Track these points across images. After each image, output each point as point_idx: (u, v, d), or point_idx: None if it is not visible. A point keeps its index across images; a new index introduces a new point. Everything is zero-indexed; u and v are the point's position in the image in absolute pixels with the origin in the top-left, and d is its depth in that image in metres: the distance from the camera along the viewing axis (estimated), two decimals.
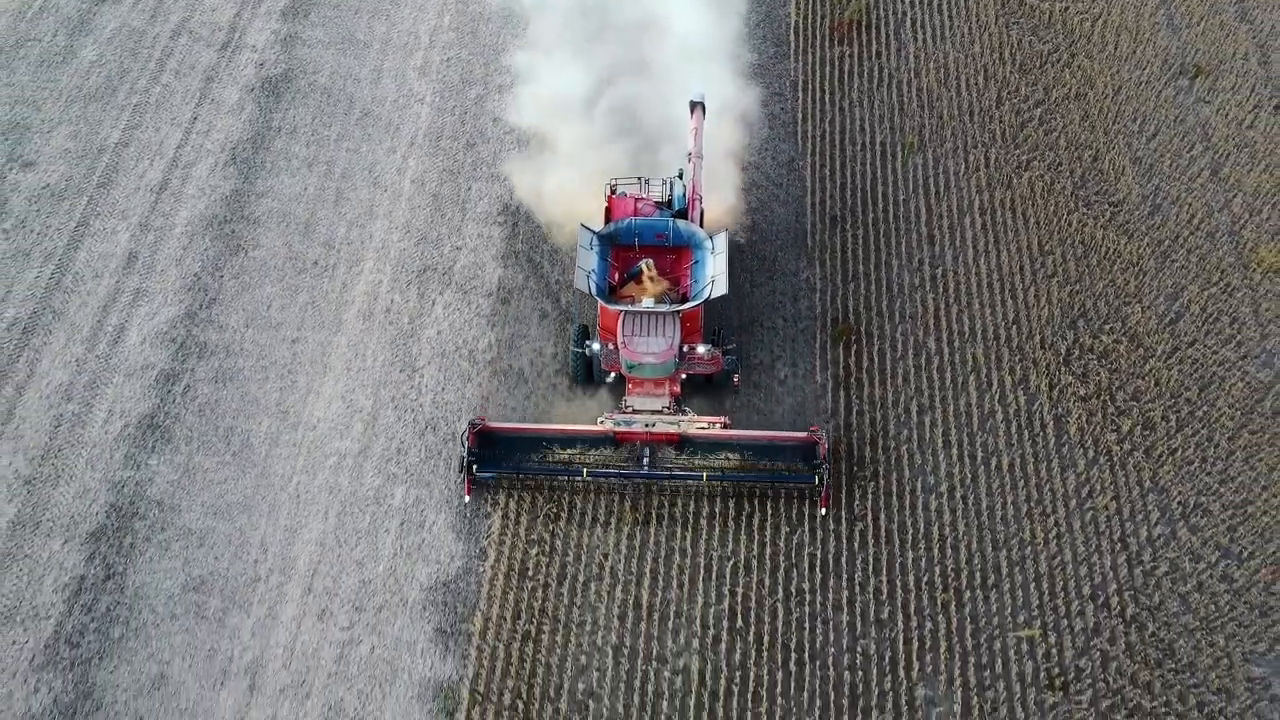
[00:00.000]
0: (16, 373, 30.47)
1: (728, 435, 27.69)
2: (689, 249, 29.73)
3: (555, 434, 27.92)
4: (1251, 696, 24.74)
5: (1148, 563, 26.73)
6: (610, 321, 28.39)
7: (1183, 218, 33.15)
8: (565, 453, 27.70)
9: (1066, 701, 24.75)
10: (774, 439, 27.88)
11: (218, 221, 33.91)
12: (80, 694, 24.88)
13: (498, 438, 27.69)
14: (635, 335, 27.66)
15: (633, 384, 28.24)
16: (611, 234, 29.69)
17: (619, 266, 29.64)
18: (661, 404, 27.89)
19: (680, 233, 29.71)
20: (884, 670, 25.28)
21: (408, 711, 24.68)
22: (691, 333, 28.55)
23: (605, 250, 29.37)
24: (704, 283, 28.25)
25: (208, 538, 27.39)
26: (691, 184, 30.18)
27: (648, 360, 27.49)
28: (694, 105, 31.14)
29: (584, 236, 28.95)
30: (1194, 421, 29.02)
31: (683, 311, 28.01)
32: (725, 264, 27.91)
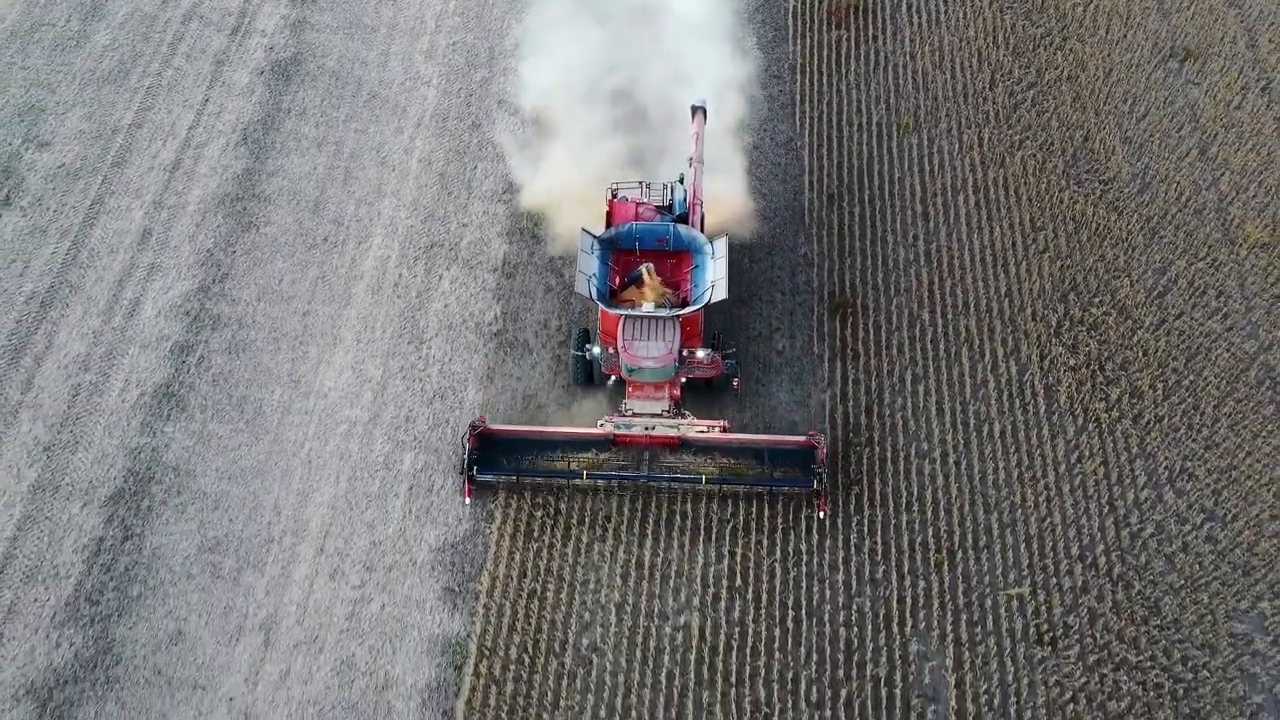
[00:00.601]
0: (35, 344, 31.30)
1: (727, 438, 27.89)
2: (689, 254, 29.82)
3: (555, 437, 28.15)
4: (1234, 651, 25.57)
5: (1134, 525, 27.57)
6: (611, 325, 28.55)
7: (1171, 195, 34.00)
8: (565, 455, 27.95)
9: (1054, 656, 25.59)
10: (773, 443, 28.04)
11: (230, 199, 34.75)
12: (100, 649, 25.71)
13: (498, 439, 27.89)
14: (635, 339, 27.79)
15: (632, 387, 28.34)
16: (612, 238, 29.78)
17: (619, 271, 29.73)
18: (661, 407, 28.05)
19: (681, 237, 29.80)
20: (878, 626, 26.11)
21: (417, 665, 25.50)
22: (691, 337, 28.66)
23: (606, 255, 29.45)
24: (704, 288, 28.38)
25: (222, 501, 28.22)
26: (692, 189, 30.25)
27: (648, 364, 27.64)
28: (695, 110, 31.35)
29: (585, 241, 28.97)
30: (1180, 390, 29.86)
31: (682, 316, 28.18)
32: (725, 269, 28.01)
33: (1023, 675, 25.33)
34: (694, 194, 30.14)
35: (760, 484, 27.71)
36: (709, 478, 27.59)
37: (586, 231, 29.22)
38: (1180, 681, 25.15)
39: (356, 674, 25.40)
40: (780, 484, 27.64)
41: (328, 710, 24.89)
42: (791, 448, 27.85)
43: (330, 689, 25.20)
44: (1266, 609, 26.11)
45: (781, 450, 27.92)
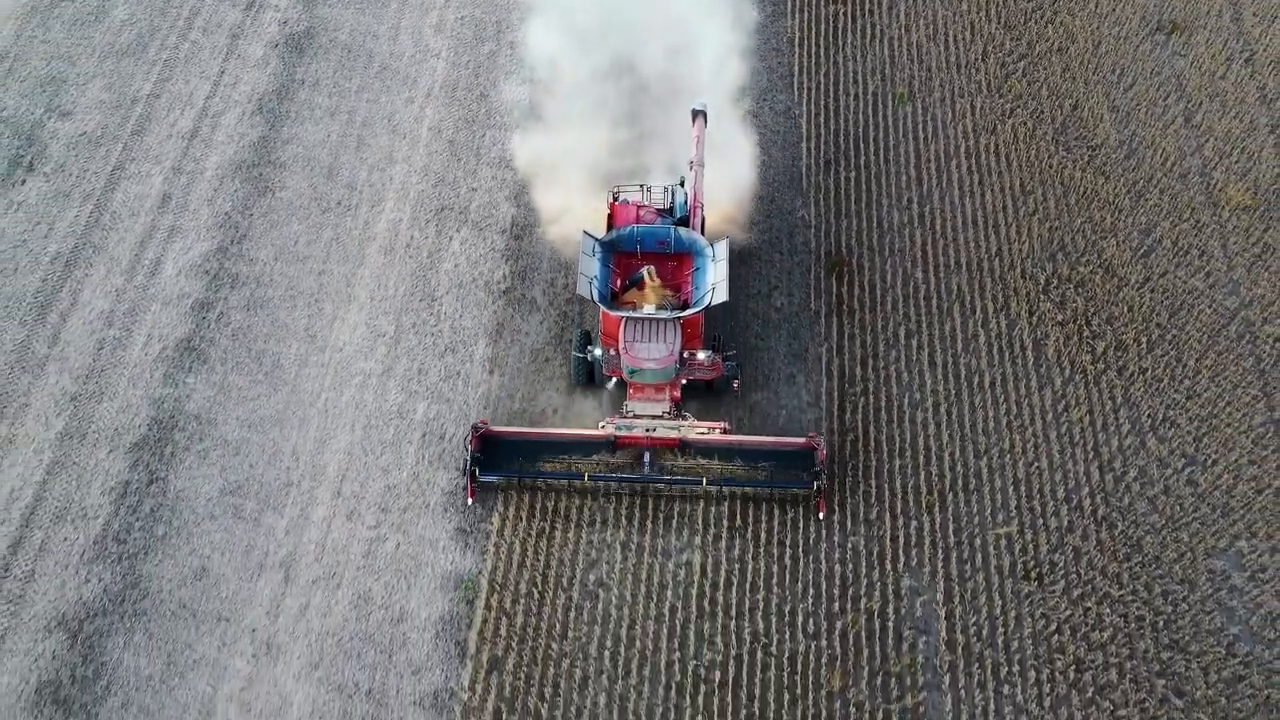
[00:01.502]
0: (60, 301, 32.48)
1: (727, 440, 28.02)
2: (690, 256, 29.98)
3: (557, 438, 28.33)
4: (1212, 586, 26.72)
5: (1118, 469, 28.72)
6: (612, 327, 28.68)
7: (1157, 160, 35.15)
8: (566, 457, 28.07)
9: (1041, 591, 26.75)
10: (773, 444, 28.16)
11: (246, 165, 35.91)
12: (128, 584, 26.89)
13: (500, 441, 28.04)
14: (637, 341, 27.95)
15: (633, 389, 28.48)
16: (614, 241, 29.92)
17: (621, 273, 29.87)
18: (662, 409, 28.13)
19: (681, 240, 29.93)
20: (872, 563, 27.27)
21: (431, 599, 26.67)
22: (692, 339, 28.78)
23: (607, 257, 29.57)
24: (705, 289, 28.55)
25: (243, 448, 29.39)
26: (693, 191, 30.32)
27: (649, 366, 27.83)
28: (696, 113, 31.47)
29: (586, 243, 29.05)
30: (1164, 343, 31.02)
31: (683, 318, 28.37)
32: (726, 271, 28.14)
33: (1010, 609, 26.49)
34: (695, 197, 30.22)
35: (760, 486, 27.87)
36: (710, 479, 27.68)
37: (588, 234, 29.39)
38: (1160, 614, 26.31)
39: (373, 608, 26.58)
40: (780, 485, 27.78)
41: (345, 641, 26.06)
42: (791, 449, 27.99)
43: (348, 621, 26.37)
44: (1244, 547, 27.26)
45: (781, 451, 28.03)
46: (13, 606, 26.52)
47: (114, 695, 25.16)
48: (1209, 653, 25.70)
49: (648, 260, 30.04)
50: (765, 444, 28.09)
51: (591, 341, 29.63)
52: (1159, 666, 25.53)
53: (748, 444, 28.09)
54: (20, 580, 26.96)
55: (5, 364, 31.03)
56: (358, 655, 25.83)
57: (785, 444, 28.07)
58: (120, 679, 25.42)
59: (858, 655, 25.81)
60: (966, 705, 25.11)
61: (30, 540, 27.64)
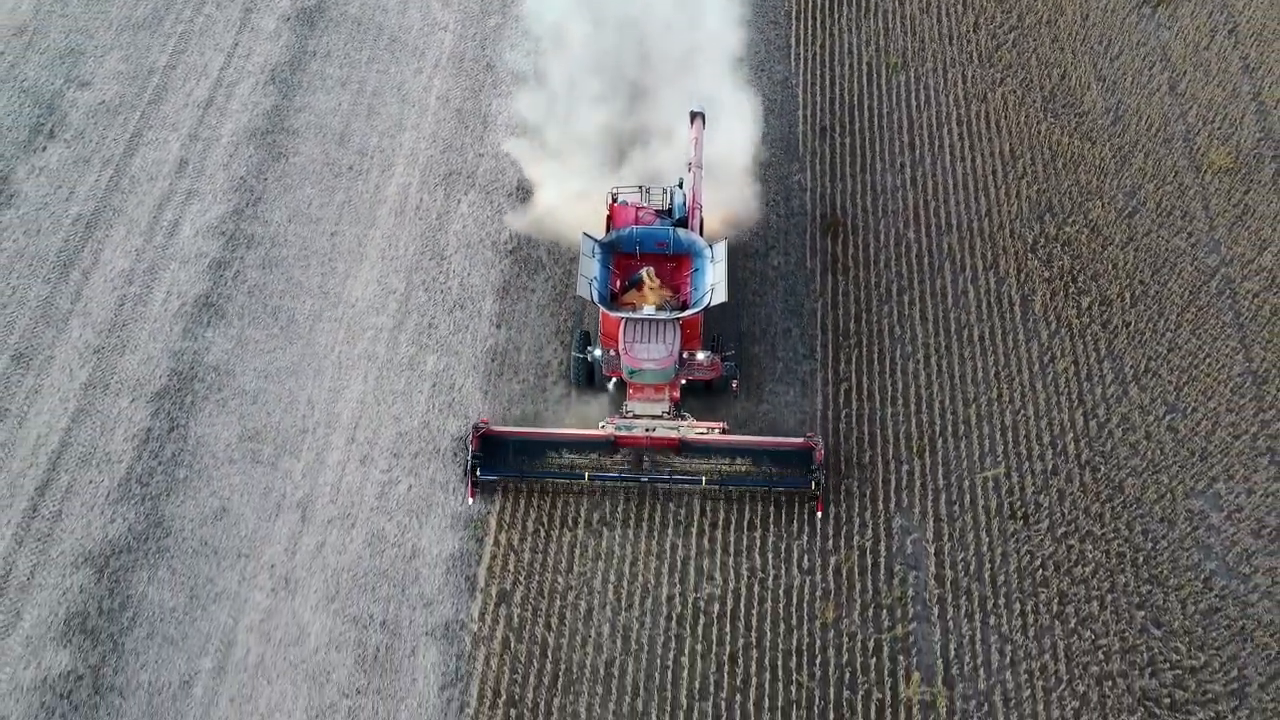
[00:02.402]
0: (83, 260, 33.63)
1: (725, 440, 28.28)
2: (689, 257, 30.27)
3: (557, 438, 28.61)
4: (1191, 525, 27.89)
5: (1101, 416, 29.90)
6: (612, 328, 28.86)
7: (1142, 126, 36.33)
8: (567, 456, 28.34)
9: (1026, 529, 27.92)
10: (772, 444, 28.50)
11: (260, 133, 37.08)
12: (151, 523, 28.05)
13: (501, 440, 28.38)
14: (636, 342, 28.16)
15: (633, 389, 28.71)
16: (613, 242, 30.19)
17: (620, 274, 30.15)
18: (661, 409, 28.36)
19: (681, 241, 30.20)
20: (864, 504, 28.44)
21: (442, 537, 27.83)
22: (691, 339, 29.00)
23: (607, 258, 29.85)
24: (704, 290, 28.79)
25: (260, 397, 30.55)
26: (691, 193, 30.64)
27: (649, 366, 28.03)
28: (694, 115, 31.74)
29: (586, 244, 29.32)
30: (1147, 299, 32.19)
31: (683, 319, 28.65)
32: (725, 272, 28.42)
33: (997, 546, 27.67)
34: (693, 198, 30.54)
35: (759, 485, 28.18)
36: (709, 478, 28.03)
37: (588, 235, 29.67)
38: (1140, 550, 27.49)
39: (386, 545, 27.73)
40: (779, 485, 28.20)
41: (360, 576, 27.22)
42: (790, 449, 28.39)
43: (362, 558, 27.53)
44: (1221, 489, 28.44)
45: (780, 451, 28.42)
46: (41, 544, 27.68)
47: (139, 626, 26.34)
48: (1186, 586, 26.88)
49: (647, 261, 30.24)
50: (764, 444, 28.38)
51: (591, 342, 29.86)
52: (1138, 599, 26.71)
53: (746, 444, 28.32)
54: (48, 520, 28.12)
55: (30, 319, 32.20)
56: (372, 589, 27.00)
57: (784, 444, 28.38)
58: (145, 611, 26.59)
59: (850, 589, 26.99)
60: (954, 635, 26.28)
61: (57, 483, 28.81)
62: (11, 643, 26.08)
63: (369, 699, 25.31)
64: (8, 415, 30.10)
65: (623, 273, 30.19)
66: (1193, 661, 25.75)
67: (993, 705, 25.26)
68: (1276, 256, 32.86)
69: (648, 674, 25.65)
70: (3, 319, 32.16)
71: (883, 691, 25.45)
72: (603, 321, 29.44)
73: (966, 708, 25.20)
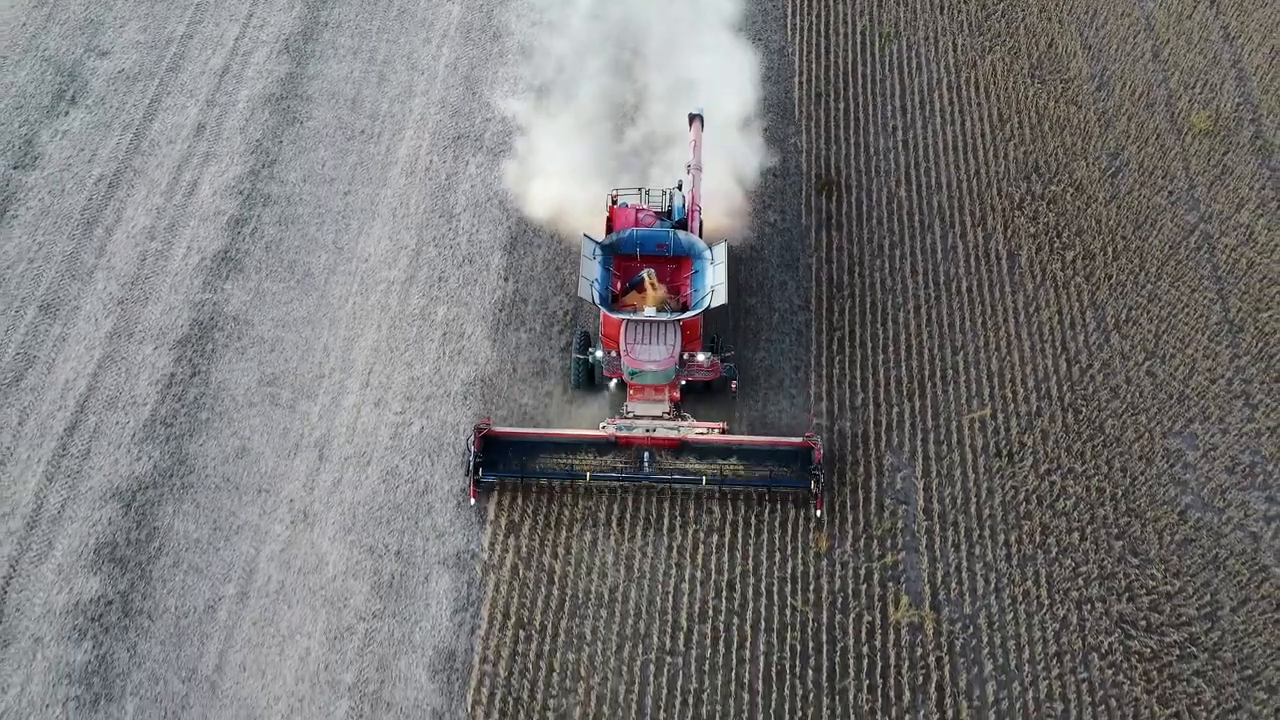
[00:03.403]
0: (106, 218, 34.96)
1: (725, 440, 28.49)
2: (689, 259, 30.43)
3: (558, 438, 28.77)
4: (1168, 463, 29.22)
5: (1084, 362, 31.22)
6: (613, 329, 29.04)
7: (1125, 92, 37.68)
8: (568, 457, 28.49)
9: (1011, 467, 29.25)
10: (771, 444, 28.63)
11: (275, 98, 38.42)
12: (176, 461, 29.39)
13: (502, 441, 28.50)
14: (637, 343, 28.32)
15: (633, 390, 28.88)
16: (614, 244, 30.30)
17: (621, 276, 30.31)
18: (661, 409, 28.55)
19: (680, 243, 30.37)
20: (857, 443, 29.77)
21: (452, 474, 29.13)
22: (691, 340, 29.14)
23: (608, 260, 29.94)
24: (704, 292, 29.01)
25: (278, 345, 31.87)
26: (691, 195, 30.78)
27: (649, 367, 28.20)
28: (693, 118, 31.93)
29: (587, 246, 29.51)
30: (1128, 253, 33.53)
31: (683, 320, 28.81)
32: (725, 274, 28.56)
33: (983, 482, 29.00)
34: (693, 200, 30.70)
35: (759, 485, 28.35)
36: (709, 478, 28.18)
37: (589, 237, 29.90)
38: (1119, 486, 28.82)
39: (400, 481, 29.06)
40: (778, 484, 28.32)
41: (375, 510, 28.54)
42: (789, 449, 28.53)
43: (377, 493, 28.85)
44: (1198, 429, 29.77)
45: (780, 451, 28.55)
46: (71, 480, 29.01)
47: (165, 555, 27.67)
48: (1163, 518, 28.21)
49: (647, 263, 30.43)
50: (763, 443, 28.64)
51: (592, 343, 30.07)
52: (1117, 530, 28.05)
53: (746, 444, 28.57)
54: (77, 458, 29.45)
55: (57, 273, 33.52)
56: (387, 522, 28.32)
57: (783, 443, 28.57)
58: (171, 541, 27.93)
59: (842, 521, 28.30)
60: (941, 563, 27.61)
61: (85, 424, 30.14)
62: (44, 570, 27.41)
63: (385, 622, 26.63)
64: (36, 361, 31.44)
65: (623, 274, 30.42)
66: (1168, 587, 27.08)
67: (977, 628, 26.57)
68: (1253, 213, 34.19)
69: (649, 599, 26.97)
70: (30, 272, 33.51)
71: (873, 614, 26.77)
72: (604, 323, 29.62)
73: (953, 629, 26.51)
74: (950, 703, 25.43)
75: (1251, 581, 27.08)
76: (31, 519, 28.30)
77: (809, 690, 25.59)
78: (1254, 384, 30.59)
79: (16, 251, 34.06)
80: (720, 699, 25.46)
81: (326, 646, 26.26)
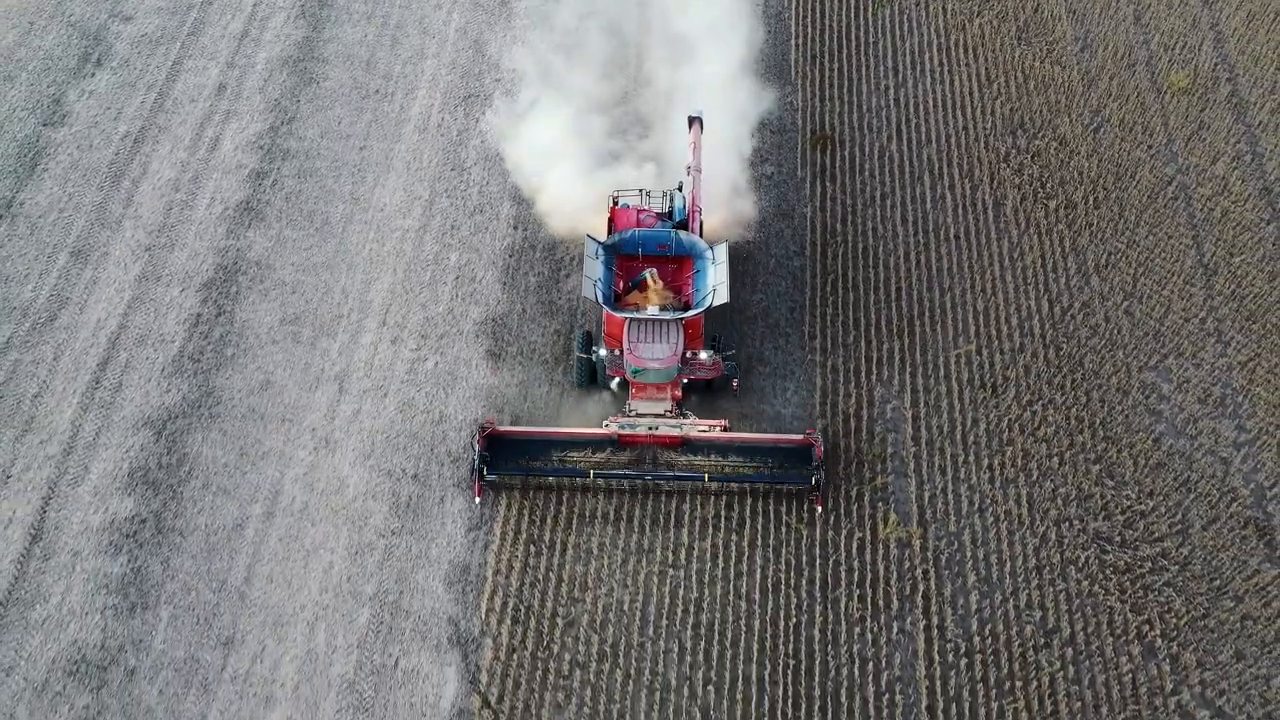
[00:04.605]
0: (132, 171, 36.62)
1: (727, 437, 28.93)
2: (690, 259, 30.96)
3: (561, 437, 29.22)
4: (1143, 394, 30.86)
5: (1065, 303, 32.86)
6: (616, 328, 29.45)
7: (1108, 53, 39.34)
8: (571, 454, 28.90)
9: (995, 398, 30.88)
10: (771, 441, 29.15)
11: (292, 61, 40.07)
12: (204, 393, 31.02)
13: (506, 440, 28.92)
14: (640, 342, 28.74)
15: (636, 388, 29.30)
16: (616, 244, 30.86)
17: (623, 276, 30.89)
18: (664, 407, 28.97)
19: (682, 243, 30.87)
20: (848, 378, 31.38)
21: (466, 405, 30.77)
22: (693, 339, 29.57)
23: (610, 260, 30.48)
24: (705, 291, 29.50)
25: (298, 288, 33.52)
26: (691, 196, 31.25)
27: (652, 366, 28.57)
28: (692, 120, 32.24)
29: (590, 247, 30.03)
30: (1109, 202, 35.14)
31: (685, 319, 29.27)
32: (726, 274, 29.12)
33: (968, 411, 30.62)
34: (693, 201, 31.21)
35: (760, 480, 28.83)
36: (711, 475, 28.64)
37: (591, 237, 30.44)
38: (1097, 415, 30.45)
39: (416, 412, 30.69)
40: (779, 480, 28.80)
41: (393, 437, 30.17)
42: (789, 446, 29.00)
43: (395, 422, 30.48)
44: (1172, 364, 31.39)
45: (780, 448, 29.02)
46: (105, 411, 30.65)
47: (195, 478, 29.31)
48: (1138, 444, 29.84)
49: (649, 263, 31.00)
50: (764, 441, 29.21)
51: (594, 343, 30.60)
52: (1094, 455, 29.67)
53: (747, 441, 29.11)
54: (110, 390, 31.09)
55: (87, 222, 35.16)
56: (404, 448, 29.95)
57: (783, 440, 29.12)
58: (200, 466, 29.56)
59: (834, 448, 29.88)
60: (928, 486, 29.23)
61: (117, 359, 31.78)
62: (81, 492, 29.05)
63: (403, 539, 28.27)
64: (69, 303, 33.08)
65: (626, 274, 30.97)
66: (1142, 507, 28.70)
67: (962, 544, 28.20)
68: (1228, 165, 35.83)
69: (653, 517, 28.58)
70: (61, 221, 35.15)
71: (863, 531, 28.39)
72: (607, 322, 30.05)
73: (938, 545, 28.14)
74: (935, 610, 27.05)
75: (1221, 501, 28.69)
76: (68, 445, 29.94)
77: (803, 599, 27.21)
78: (1226, 322, 32.21)
79: (48, 202, 35.70)
80: (719, 607, 27.09)
81: (348, 560, 27.88)
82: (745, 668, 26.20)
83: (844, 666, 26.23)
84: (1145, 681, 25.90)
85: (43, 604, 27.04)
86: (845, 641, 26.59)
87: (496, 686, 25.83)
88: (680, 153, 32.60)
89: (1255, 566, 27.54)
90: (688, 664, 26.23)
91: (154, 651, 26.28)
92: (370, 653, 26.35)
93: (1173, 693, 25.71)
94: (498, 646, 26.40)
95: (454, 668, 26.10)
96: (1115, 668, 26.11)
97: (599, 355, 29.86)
